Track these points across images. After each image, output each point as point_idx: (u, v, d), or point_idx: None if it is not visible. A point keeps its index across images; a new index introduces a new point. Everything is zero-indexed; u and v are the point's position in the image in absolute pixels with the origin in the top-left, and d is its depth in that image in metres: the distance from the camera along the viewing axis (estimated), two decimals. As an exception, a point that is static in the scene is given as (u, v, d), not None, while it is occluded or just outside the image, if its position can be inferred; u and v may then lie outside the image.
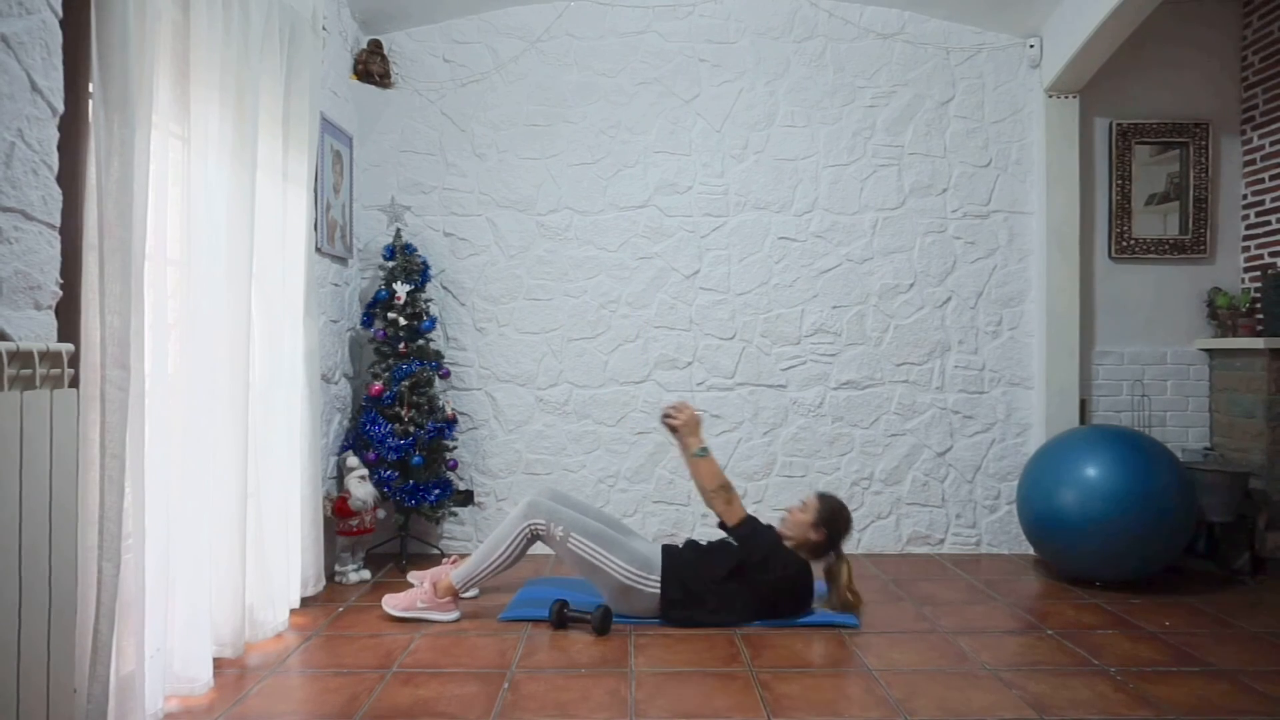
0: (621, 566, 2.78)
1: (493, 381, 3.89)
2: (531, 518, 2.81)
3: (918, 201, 3.91)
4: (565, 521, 2.80)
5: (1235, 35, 3.95)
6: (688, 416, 2.91)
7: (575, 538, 2.78)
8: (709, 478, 2.86)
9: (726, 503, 2.84)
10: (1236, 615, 2.96)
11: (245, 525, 2.52)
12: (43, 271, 1.65)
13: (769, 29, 3.91)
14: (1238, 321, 3.77)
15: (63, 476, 1.54)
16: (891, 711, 2.16)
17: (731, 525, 2.86)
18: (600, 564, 2.78)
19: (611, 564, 2.78)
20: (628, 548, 2.83)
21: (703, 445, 2.89)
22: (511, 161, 3.90)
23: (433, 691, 2.27)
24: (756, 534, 2.83)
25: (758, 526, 2.85)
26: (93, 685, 1.76)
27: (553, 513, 2.81)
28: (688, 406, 2.94)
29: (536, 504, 2.84)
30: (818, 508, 2.91)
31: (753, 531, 2.83)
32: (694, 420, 2.91)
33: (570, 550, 2.79)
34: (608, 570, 2.78)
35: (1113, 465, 3.14)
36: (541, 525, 2.80)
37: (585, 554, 2.78)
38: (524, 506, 2.84)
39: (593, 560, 2.78)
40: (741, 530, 2.83)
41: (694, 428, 2.91)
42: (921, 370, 3.91)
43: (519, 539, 2.82)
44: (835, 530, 2.91)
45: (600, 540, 2.80)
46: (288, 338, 2.89)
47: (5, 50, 1.54)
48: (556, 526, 2.79)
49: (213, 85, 2.34)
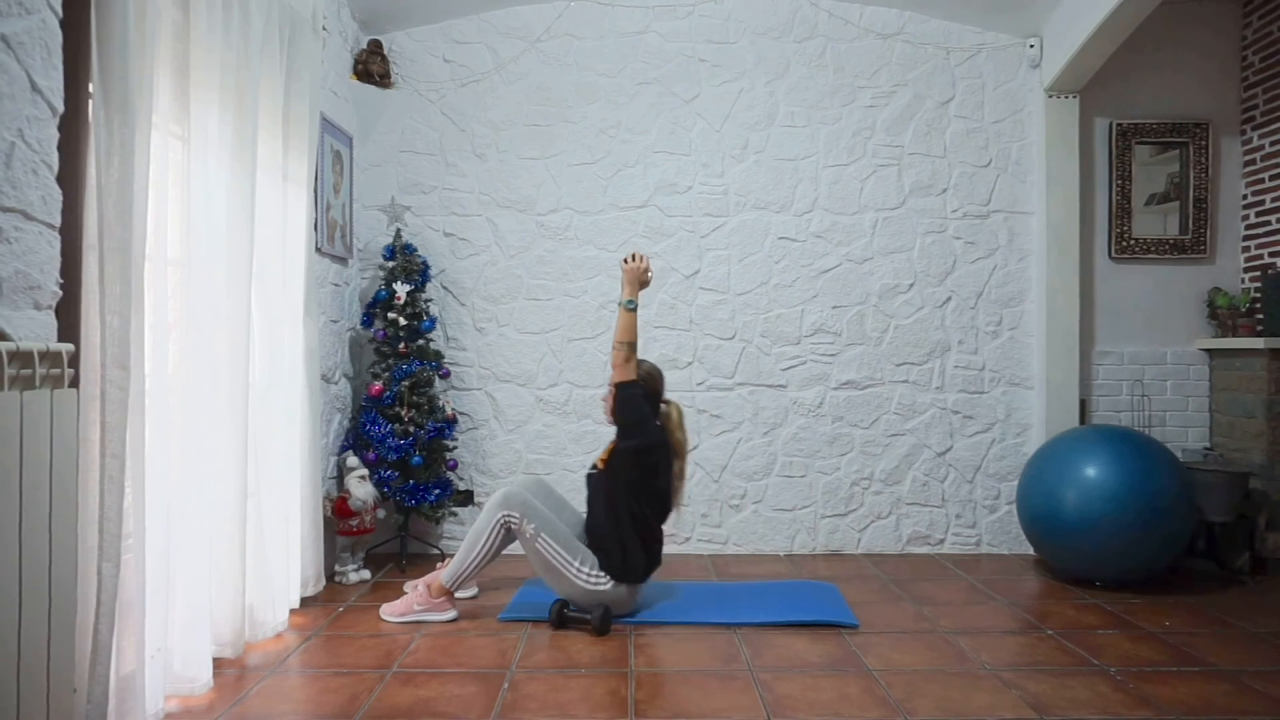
0: (584, 572, 2.79)
1: (493, 381, 3.89)
2: (506, 509, 2.80)
3: (918, 201, 3.91)
4: (538, 520, 2.80)
5: (1235, 35, 3.95)
6: (633, 265, 2.92)
7: (544, 539, 2.78)
8: (623, 331, 2.87)
9: (625, 359, 2.85)
10: (1236, 615, 2.96)
11: (245, 525, 2.52)
12: (43, 271, 1.65)
13: (769, 29, 3.91)
14: (1238, 321, 3.77)
15: (63, 476, 1.54)
16: (891, 711, 2.16)
17: (617, 380, 2.86)
18: (562, 569, 2.79)
19: (572, 569, 2.79)
20: (584, 551, 2.84)
21: (633, 299, 2.89)
22: (511, 161, 3.90)
23: (433, 691, 2.27)
24: (633, 398, 2.85)
25: (636, 390, 2.86)
26: (93, 685, 1.76)
27: (527, 507, 2.80)
28: (644, 259, 2.95)
29: (511, 495, 2.83)
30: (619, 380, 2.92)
31: (630, 395, 2.84)
32: (637, 271, 2.92)
33: (537, 550, 2.79)
34: (569, 576, 2.79)
35: (1112, 465, 3.14)
36: (515, 519, 2.79)
37: (550, 556, 2.78)
38: (499, 497, 2.83)
39: (556, 564, 2.79)
40: (623, 389, 2.84)
41: (634, 278, 2.91)
42: (921, 370, 3.91)
43: (495, 530, 2.81)
44: (653, 389, 2.97)
45: (567, 545, 2.80)
46: (288, 338, 2.89)
47: (5, 50, 1.54)
48: (529, 523, 2.78)
49: (213, 85, 2.34)
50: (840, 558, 3.80)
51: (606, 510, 2.86)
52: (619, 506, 2.84)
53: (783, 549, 3.88)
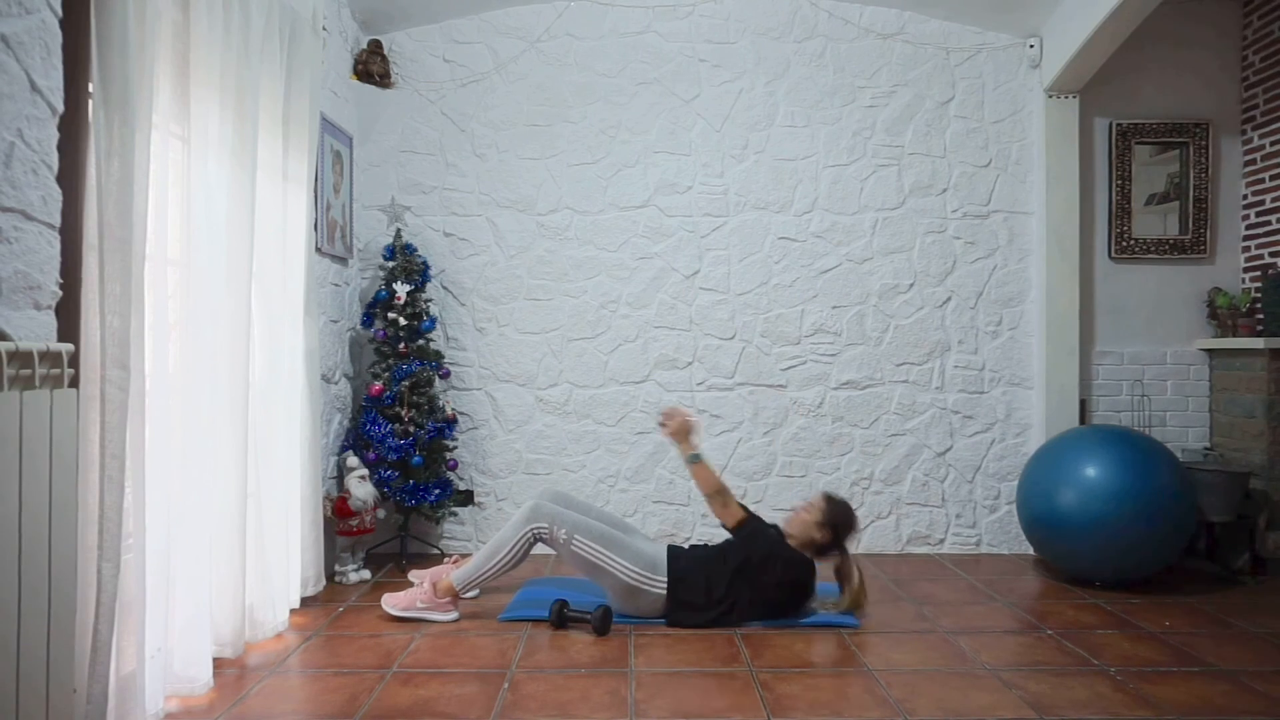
0: (627, 567, 2.78)
1: (493, 381, 3.89)
2: (535, 521, 2.81)
3: (918, 201, 3.91)
4: (569, 524, 2.80)
5: (1235, 35, 3.95)
6: (676, 424, 2.91)
7: (579, 540, 2.78)
8: (704, 483, 2.88)
9: (724, 505, 2.86)
10: (1236, 615, 2.96)
11: (245, 525, 2.52)
12: (43, 271, 1.65)
13: (769, 29, 3.91)
14: (1238, 321, 3.77)
15: (63, 476, 1.54)
16: (891, 711, 2.16)
17: (731, 527, 2.87)
18: (605, 565, 2.78)
19: (616, 565, 2.78)
20: (632, 548, 2.83)
21: (694, 451, 2.90)
22: (511, 161, 3.90)
23: (433, 691, 2.27)
24: (756, 534, 2.84)
25: (759, 526, 2.86)
26: (93, 685, 1.76)
27: (556, 516, 2.81)
28: (679, 412, 2.94)
29: (540, 508, 2.84)
30: (823, 508, 2.90)
31: (753, 532, 2.84)
32: (683, 427, 2.91)
33: (574, 552, 2.79)
34: (613, 571, 2.78)
35: (1113, 465, 3.14)
36: (545, 529, 2.80)
37: (590, 555, 2.78)
38: (527, 510, 2.84)
39: (597, 561, 2.78)
40: (741, 531, 2.85)
41: (683, 434, 2.91)
42: (921, 370, 3.91)
43: (521, 542, 2.82)
44: (841, 530, 2.90)
45: (604, 541, 2.80)
46: (288, 338, 2.89)
47: (5, 50, 1.54)
48: (560, 530, 2.79)
49: (213, 85, 2.34)
50: (840, 558, 3.80)
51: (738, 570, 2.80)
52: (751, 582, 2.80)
53: (783, 549, 3.88)
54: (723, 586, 2.80)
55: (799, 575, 2.84)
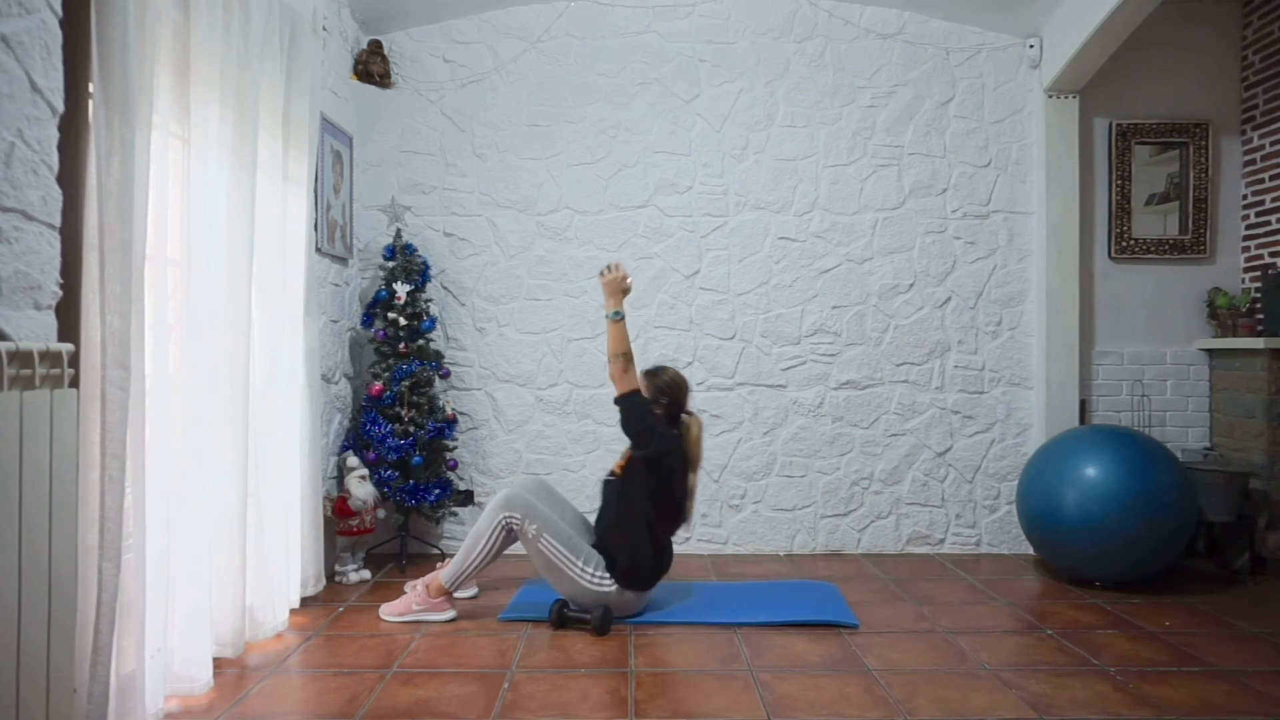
0: (587, 572, 2.79)
1: (493, 381, 3.89)
2: (507, 510, 2.80)
3: (918, 201, 3.91)
4: (540, 520, 2.79)
5: (1235, 35, 3.95)
6: (610, 277, 2.90)
7: (546, 538, 2.78)
8: (616, 341, 2.85)
9: (623, 370, 2.84)
10: (1236, 615, 2.96)
11: (245, 525, 2.52)
12: (43, 271, 1.65)
13: (769, 29, 3.91)
14: (1238, 321, 3.77)
15: (63, 476, 1.54)
16: (891, 711, 2.16)
17: (621, 393, 2.85)
18: (566, 568, 2.78)
19: (575, 568, 2.78)
20: (585, 550, 2.84)
21: (618, 309, 2.88)
22: (511, 161, 3.90)
23: (433, 691, 2.27)
24: (637, 407, 2.83)
25: (639, 400, 2.85)
26: (93, 685, 1.76)
27: (529, 508, 2.80)
28: (620, 267, 2.93)
29: (513, 497, 2.83)
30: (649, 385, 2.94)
31: (633, 405, 2.83)
32: (616, 281, 2.90)
33: (540, 550, 2.79)
34: (572, 575, 2.79)
35: (1112, 465, 3.14)
36: (516, 520, 2.79)
37: (553, 555, 2.78)
38: (501, 498, 2.84)
39: (558, 562, 2.78)
40: (625, 401, 2.83)
41: (616, 290, 2.90)
42: (921, 370, 3.91)
43: (496, 531, 2.81)
44: (676, 399, 2.96)
45: (569, 545, 2.80)
46: (288, 338, 2.89)
47: (5, 50, 1.54)
48: (531, 524, 2.78)
49: (213, 85, 2.34)
50: (840, 558, 3.80)
51: (620, 516, 2.85)
52: (634, 513, 2.83)
53: (783, 549, 3.89)
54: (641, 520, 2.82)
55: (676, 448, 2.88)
